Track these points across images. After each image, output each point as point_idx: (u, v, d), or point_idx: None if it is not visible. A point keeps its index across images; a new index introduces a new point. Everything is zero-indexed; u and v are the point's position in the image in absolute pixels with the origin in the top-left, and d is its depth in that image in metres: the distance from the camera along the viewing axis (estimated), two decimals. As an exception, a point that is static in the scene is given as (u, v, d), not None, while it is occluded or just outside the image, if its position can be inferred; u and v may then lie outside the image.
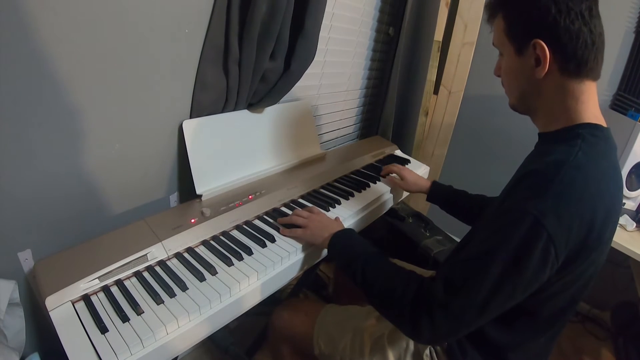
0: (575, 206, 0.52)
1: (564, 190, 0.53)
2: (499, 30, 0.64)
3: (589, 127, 0.59)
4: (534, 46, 0.58)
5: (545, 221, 0.51)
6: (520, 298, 0.56)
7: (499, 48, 0.65)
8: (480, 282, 0.55)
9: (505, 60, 0.65)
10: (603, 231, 0.56)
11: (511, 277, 0.54)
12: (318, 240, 0.80)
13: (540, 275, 0.54)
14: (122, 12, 0.70)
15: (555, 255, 0.52)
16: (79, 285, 0.63)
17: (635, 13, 1.43)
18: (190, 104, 0.90)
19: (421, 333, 0.59)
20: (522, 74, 0.62)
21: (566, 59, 0.57)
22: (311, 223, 0.83)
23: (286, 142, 1.16)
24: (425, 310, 0.58)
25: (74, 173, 0.75)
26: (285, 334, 0.88)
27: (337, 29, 1.27)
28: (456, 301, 0.56)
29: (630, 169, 1.28)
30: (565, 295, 0.61)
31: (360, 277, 0.68)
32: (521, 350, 0.67)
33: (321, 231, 0.81)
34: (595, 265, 0.60)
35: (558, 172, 0.54)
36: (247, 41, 0.85)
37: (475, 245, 0.59)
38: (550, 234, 0.51)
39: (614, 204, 0.59)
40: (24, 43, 0.60)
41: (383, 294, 0.65)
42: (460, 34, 1.63)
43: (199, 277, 0.69)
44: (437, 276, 0.62)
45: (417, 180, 1.14)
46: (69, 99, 0.69)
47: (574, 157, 0.55)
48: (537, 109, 0.65)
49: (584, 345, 1.60)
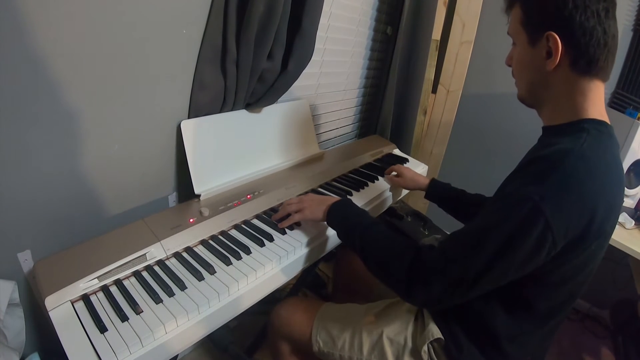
0: (576, 195, 0.53)
1: (566, 178, 0.53)
2: (515, 19, 0.64)
3: (593, 122, 0.60)
4: (547, 38, 0.58)
5: (544, 207, 0.52)
6: (514, 276, 0.58)
7: (513, 37, 0.66)
8: (475, 256, 0.57)
9: (518, 51, 0.65)
10: (604, 223, 0.56)
11: (505, 256, 0.55)
12: (318, 215, 0.82)
13: (535, 258, 0.55)
14: (120, 13, 0.71)
15: (552, 241, 0.53)
16: (78, 285, 0.63)
17: (633, 11, 1.43)
18: (189, 104, 0.90)
19: (416, 297, 0.64)
20: (533, 65, 0.63)
21: (577, 54, 0.58)
22: (305, 203, 0.85)
23: (284, 141, 1.16)
24: (422, 277, 0.62)
25: (73, 174, 0.75)
26: (284, 332, 0.88)
27: (335, 29, 1.28)
28: (451, 271, 0.59)
29: (629, 166, 1.28)
30: (563, 289, 0.62)
31: (359, 245, 0.72)
32: (518, 342, 0.68)
33: (318, 206, 0.83)
34: (595, 259, 0.61)
35: (562, 160, 0.54)
36: (244, 41, 0.86)
37: (475, 222, 0.61)
38: (548, 220, 0.52)
39: (616, 197, 0.60)
40: (23, 45, 0.61)
41: (381, 261, 0.69)
42: (458, 33, 1.64)
43: (197, 277, 0.69)
44: (437, 247, 0.64)
45: (414, 177, 1.15)
46: (68, 100, 0.69)
47: (579, 147, 0.56)
48: (544, 102, 0.65)
49: (583, 343, 1.61)
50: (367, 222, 0.74)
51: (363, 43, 1.50)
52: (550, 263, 0.57)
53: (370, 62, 1.60)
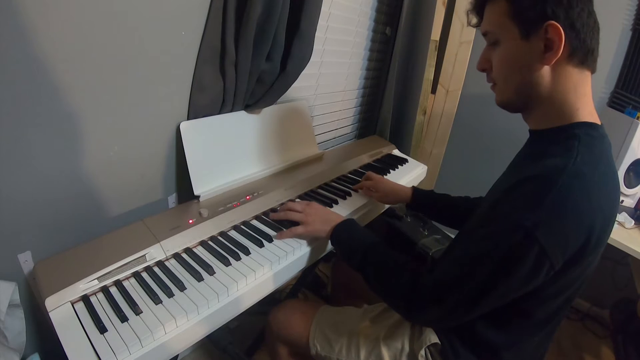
0: (572, 217, 0.51)
1: (561, 201, 0.51)
2: (497, 13, 0.59)
3: (584, 126, 0.58)
4: (546, 29, 0.54)
5: (538, 234, 0.50)
6: (513, 296, 0.57)
7: (495, 35, 0.61)
8: (469, 283, 0.57)
9: (504, 48, 0.60)
10: (602, 236, 0.55)
11: (500, 282, 0.55)
12: (322, 234, 0.82)
13: (533, 280, 0.54)
14: (120, 14, 0.71)
15: (550, 264, 0.52)
16: (78, 286, 0.63)
17: (632, 10, 1.43)
18: (188, 106, 0.91)
19: (416, 320, 0.70)
20: (525, 61, 0.58)
21: (577, 45, 0.55)
22: (309, 217, 0.83)
23: (283, 142, 1.16)
24: (418, 304, 0.63)
25: (73, 175, 0.75)
26: (281, 335, 0.88)
27: (334, 29, 1.28)
28: (447, 298, 0.59)
29: (629, 166, 1.28)
30: (561, 297, 0.61)
31: (361, 268, 0.73)
32: (515, 350, 0.67)
33: (322, 225, 0.81)
34: (591, 266, 0.60)
35: (556, 182, 0.51)
36: (243, 43, 0.86)
37: (467, 247, 0.60)
38: (543, 246, 0.50)
39: (612, 208, 0.58)
40: (23, 46, 0.61)
41: (381, 285, 0.70)
42: (458, 33, 1.64)
43: (197, 277, 0.69)
44: (431, 273, 0.63)
45: (394, 189, 1.05)
46: (68, 102, 0.70)
47: (572, 163, 0.53)
48: (533, 103, 0.61)
49: (583, 343, 1.61)
50: (369, 246, 0.73)
51: (362, 44, 1.51)
52: (548, 280, 0.55)
53: (369, 62, 1.60)
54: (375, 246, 0.73)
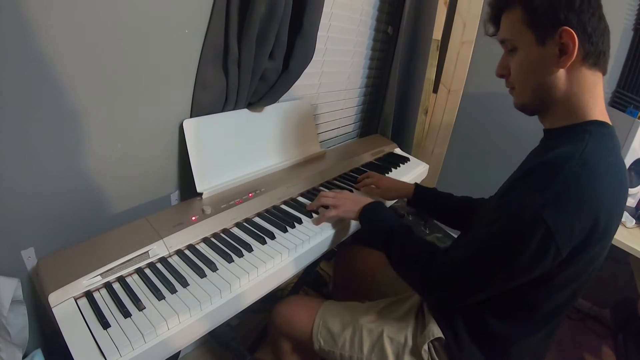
0: (578, 202, 0.53)
1: (567, 186, 0.53)
2: (513, 21, 0.62)
3: (596, 124, 0.60)
4: (560, 35, 0.57)
5: (545, 215, 0.52)
6: (522, 280, 0.59)
7: (512, 41, 0.63)
8: (479, 262, 0.60)
9: (521, 54, 0.62)
10: (607, 226, 0.56)
11: (508, 264, 0.57)
12: (352, 215, 0.87)
13: (540, 263, 0.55)
14: (123, 13, 0.71)
15: (556, 248, 0.53)
16: (81, 281, 0.64)
17: (634, 10, 1.43)
18: (191, 104, 0.91)
19: (430, 298, 0.75)
20: (542, 65, 0.60)
21: (589, 49, 0.57)
22: (340, 201, 0.89)
23: (286, 140, 1.16)
24: (432, 282, 0.67)
25: (76, 172, 0.75)
26: (285, 330, 0.88)
27: (336, 29, 1.28)
28: (458, 278, 0.64)
29: (630, 165, 1.28)
30: (566, 290, 0.62)
31: (386, 245, 0.77)
32: (519, 343, 0.68)
33: (353, 205, 0.87)
34: (599, 259, 0.61)
35: (562, 167, 0.54)
36: (246, 41, 0.86)
37: (479, 229, 0.63)
38: (550, 228, 0.52)
39: (618, 199, 0.60)
40: (25, 45, 0.61)
41: (401, 265, 0.76)
42: (459, 33, 1.64)
43: (199, 274, 0.70)
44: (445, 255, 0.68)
45: (395, 186, 1.07)
46: (71, 100, 0.70)
47: (580, 152, 0.55)
48: (549, 105, 0.63)
49: (584, 342, 1.61)
50: (394, 226, 0.78)
51: (364, 43, 1.51)
52: (555, 268, 0.57)
53: (371, 61, 1.60)
54: (401, 226, 0.79)
